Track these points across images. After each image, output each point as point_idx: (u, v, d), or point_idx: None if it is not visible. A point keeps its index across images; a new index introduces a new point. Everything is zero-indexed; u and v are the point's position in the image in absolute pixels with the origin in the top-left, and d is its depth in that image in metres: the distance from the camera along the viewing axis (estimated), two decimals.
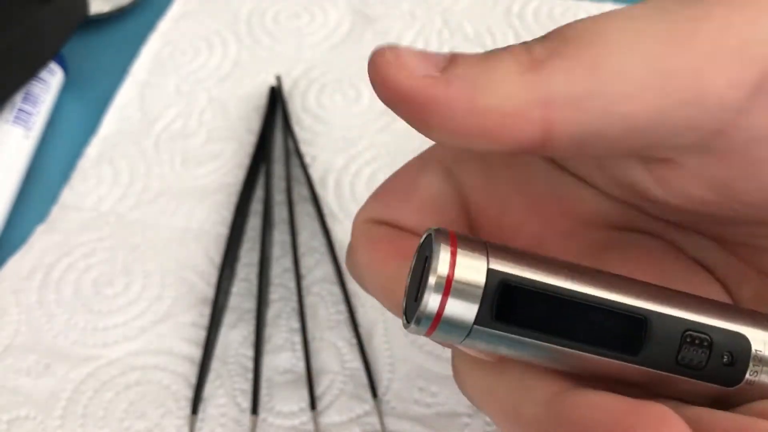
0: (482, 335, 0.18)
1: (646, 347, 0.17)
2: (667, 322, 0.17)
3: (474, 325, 0.17)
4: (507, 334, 0.18)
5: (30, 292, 0.41)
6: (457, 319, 0.17)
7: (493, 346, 0.18)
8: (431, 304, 0.17)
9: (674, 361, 0.17)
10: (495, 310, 0.17)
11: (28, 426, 0.36)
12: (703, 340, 0.17)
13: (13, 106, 0.47)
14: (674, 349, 0.17)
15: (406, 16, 0.52)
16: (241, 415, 0.36)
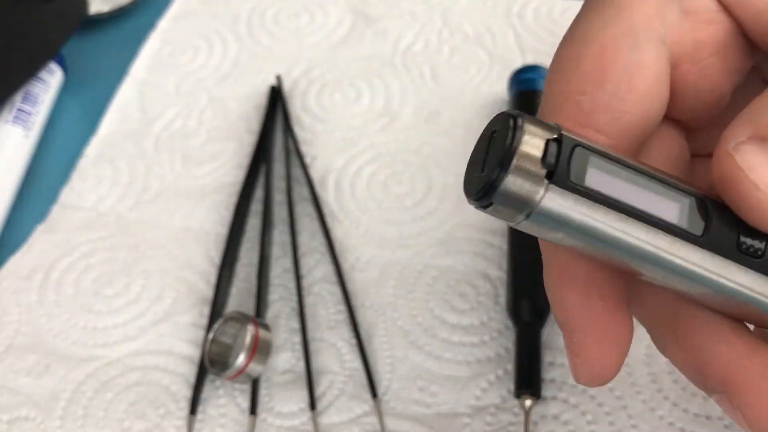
0: (554, 202, 0.17)
1: (709, 228, 0.18)
2: (725, 210, 0.18)
3: (548, 183, 0.17)
4: (576, 203, 0.17)
5: (30, 292, 0.41)
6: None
7: (561, 221, 0.17)
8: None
9: (736, 247, 0.18)
10: (566, 171, 0.17)
11: (28, 426, 0.36)
12: (757, 232, 0.18)
13: (12, 106, 0.47)
14: (734, 235, 0.18)
15: (406, 15, 0.52)
16: (241, 415, 0.36)
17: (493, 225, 0.41)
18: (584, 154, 0.17)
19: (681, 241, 0.18)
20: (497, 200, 0.17)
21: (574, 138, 0.17)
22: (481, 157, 0.18)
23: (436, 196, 0.43)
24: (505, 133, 0.17)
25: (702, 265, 0.18)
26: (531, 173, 0.17)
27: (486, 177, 0.17)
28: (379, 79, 0.49)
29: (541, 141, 0.17)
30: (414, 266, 0.40)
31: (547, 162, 0.17)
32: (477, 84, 0.47)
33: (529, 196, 0.17)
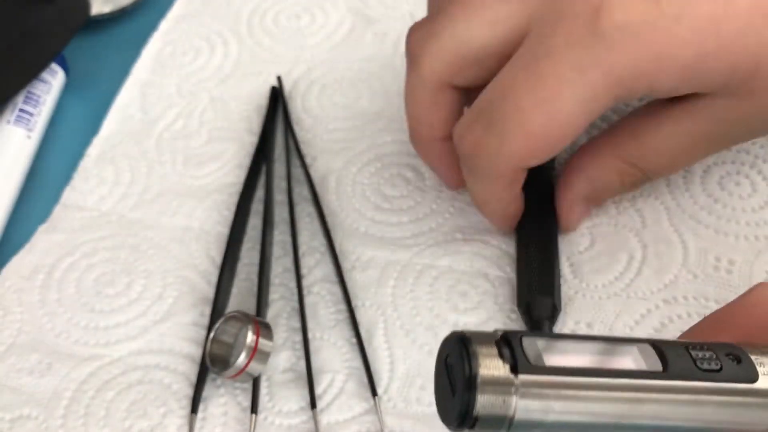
0: (530, 392, 0.18)
1: (670, 364, 0.19)
2: (670, 345, 0.20)
3: (516, 377, 0.18)
4: (550, 385, 0.18)
5: (32, 292, 0.41)
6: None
7: (544, 409, 0.18)
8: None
9: (697, 368, 0.19)
10: (525, 360, 0.18)
11: (30, 425, 0.36)
12: (705, 348, 0.20)
13: (14, 107, 0.47)
14: (690, 360, 0.19)
15: (406, 17, 0.52)
16: (242, 414, 0.36)
17: (492, 225, 0.41)
18: (532, 340, 0.18)
19: (655, 381, 0.19)
20: (479, 421, 0.18)
21: (515, 331, 0.19)
22: (445, 382, 0.19)
23: (435, 196, 0.43)
24: (461, 361, 0.18)
25: (680, 396, 0.19)
26: (497, 385, 0.18)
27: (458, 405, 0.18)
28: (379, 80, 0.49)
29: (493, 350, 0.18)
30: (414, 266, 0.40)
31: (507, 360, 0.18)
32: None
33: (505, 401, 0.18)
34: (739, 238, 0.38)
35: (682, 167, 0.39)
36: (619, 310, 0.37)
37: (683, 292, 0.37)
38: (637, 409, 0.19)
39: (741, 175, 0.41)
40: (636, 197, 0.41)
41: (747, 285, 0.37)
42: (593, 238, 0.40)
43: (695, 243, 0.39)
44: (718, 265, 0.38)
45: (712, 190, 0.40)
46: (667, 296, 0.37)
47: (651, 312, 0.37)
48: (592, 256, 0.39)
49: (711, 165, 0.41)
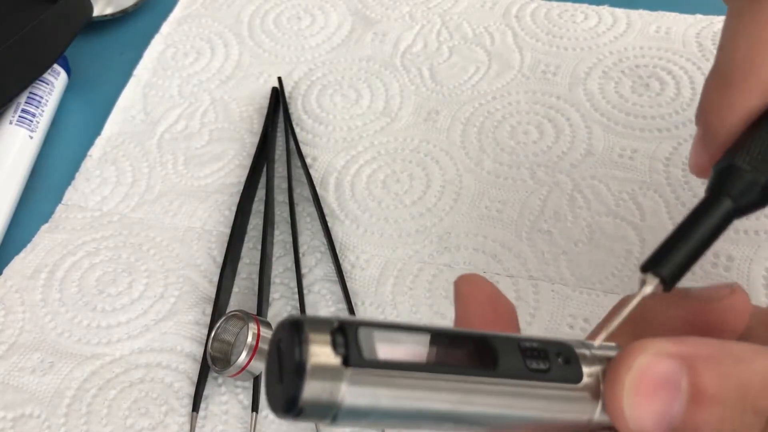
0: (358, 386, 0.18)
1: (500, 362, 0.19)
2: (503, 340, 0.20)
3: (346, 369, 0.17)
4: (378, 378, 0.18)
5: (34, 291, 0.41)
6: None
7: (370, 403, 0.18)
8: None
9: (526, 368, 0.19)
10: (358, 353, 0.18)
11: (32, 423, 0.36)
12: (538, 350, 0.20)
13: (17, 108, 0.47)
14: (520, 358, 0.19)
15: (405, 17, 0.52)
16: (243, 412, 0.36)
17: (493, 222, 0.41)
18: (368, 331, 0.18)
19: (482, 378, 0.19)
20: (305, 409, 0.17)
21: (353, 320, 0.18)
22: (275, 367, 0.18)
23: (434, 194, 0.43)
24: (292, 346, 0.17)
25: (505, 393, 0.19)
26: (325, 374, 0.17)
27: (286, 392, 0.17)
28: (378, 80, 0.49)
29: (327, 338, 0.18)
30: (414, 264, 0.40)
31: (339, 351, 0.18)
32: (476, 82, 0.48)
33: (332, 392, 0.17)
34: (739, 232, 0.39)
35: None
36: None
37: None
38: (464, 404, 0.19)
39: None
40: (635, 190, 0.41)
41: (745, 282, 0.37)
42: (592, 231, 0.40)
43: None
44: (717, 261, 0.38)
45: None
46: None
47: None
48: (591, 250, 0.39)
49: None
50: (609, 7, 0.50)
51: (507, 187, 0.43)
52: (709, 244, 0.25)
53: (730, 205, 0.25)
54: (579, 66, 0.48)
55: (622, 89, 0.46)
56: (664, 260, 0.24)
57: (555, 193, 0.42)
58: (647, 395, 0.19)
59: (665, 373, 0.19)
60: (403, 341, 0.19)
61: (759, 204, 0.26)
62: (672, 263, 0.24)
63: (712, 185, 0.26)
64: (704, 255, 0.25)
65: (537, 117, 0.46)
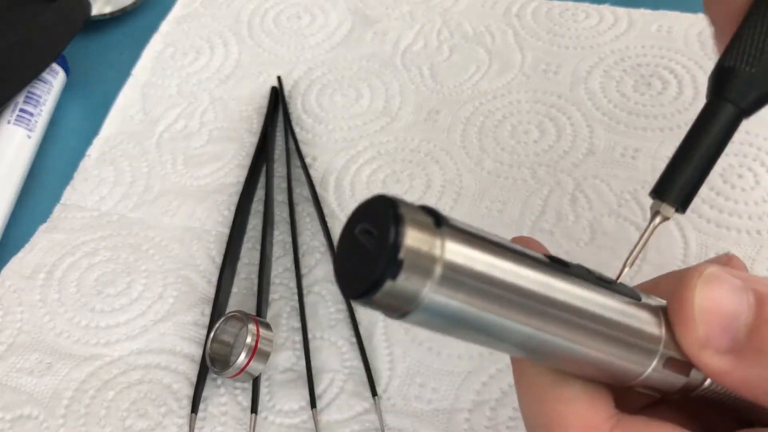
0: (453, 252, 0.17)
1: (572, 267, 0.20)
2: (569, 262, 0.20)
3: (443, 232, 0.17)
4: (471, 248, 0.17)
5: (33, 291, 0.41)
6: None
7: (464, 274, 0.17)
8: None
9: (593, 275, 0.20)
10: (449, 222, 0.17)
11: (30, 425, 0.36)
12: (600, 274, 0.20)
13: (15, 107, 0.47)
14: (586, 270, 0.20)
15: (406, 16, 0.52)
16: (242, 413, 0.36)
17: (493, 222, 0.41)
18: (452, 219, 0.18)
19: (562, 276, 0.19)
20: (401, 274, 0.17)
21: (436, 209, 0.18)
22: (356, 249, 0.18)
23: (435, 193, 0.43)
24: (386, 221, 0.17)
25: (580, 294, 0.19)
26: (423, 238, 0.17)
27: (384, 251, 0.17)
28: (378, 80, 0.49)
29: (422, 215, 0.17)
30: None
31: (435, 224, 0.17)
32: (476, 81, 0.48)
33: (431, 259, 0.17)
34: (741, 232, 0.38)
35: None
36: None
37: None
38: (543, 304, 0.19)
39: (744, 168, 0.41)
40: (637, 190, 0.41)
41: None
42: (593, 231, 0.40)
43: (696, 238, 0.38)
44: None
45: (714, 182, 0.40)
46: None
47: None
48: (593, 251, 0.39)
49: None
50: (610, 5, 0.50)
51: (508, 187, 0.42)
52: (718, 155, 0.24)
53: (731, 108, 0.24)
54: (580, 65, 0.47)
55: (623, 88, 0.46)
56: (672, 185, 0.24)
57: (556, 192, 0.42)
58: (718, 292, 0.20)
59: (728, 282, 0.20)
60: (483, 234, 0.18)
61: (761, 101, 0.24)
62: (682, 187, 0.24)
63: (708, 91, 0.25)
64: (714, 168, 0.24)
65: (538, 116, 0.45)
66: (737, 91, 0.24)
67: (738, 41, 0.24)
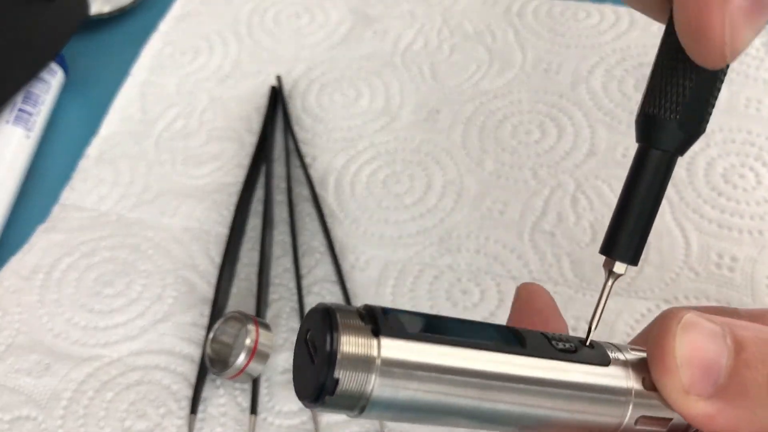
0: (393, 351, 0.18)
1: (528, 342, 0.20)
2: (527, 331, 0.20)
3: (379, 340, 0.18)
4: (411, 349, 0.18)
5: (31, 292, 0.41)
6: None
7: (406, 374, 0.18)
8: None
9: (553, 348, 0.20)
10: (387, 324, 0.18)
11: (29, 426, 0.36)
12: (561, 337, 0.20)
13: (13, 106, 0.47)
14: (546, 341, 0.20)
15: (406, 15, 0.52)
16: (242, 414, 0.36)
17: (494, 223, 0.41)
18: (393, 312, 0.19)
19: (512, 355, 0.19)
20: (342, 379, 0.18)
21: (378, 306, 0.19)
22: (305, 356, 0.19)
23: (435, 194, 0.43)
24: (323, 334, 0.18)
25: (539, 369, 0.19)
26: (358, 344, 0.18)
27: (317, 376, 0.18)
28: (378, 79, 0.49)
29: (356, 316, 0.18)
30: (414, 265, 0.40)
31: (369, 326, 0.18)
32: (477, 81, 0.47)
33: (368, 360, 0.18)
34: (743, 232, 0.38)
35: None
36: (619, 309, 0.37)
37: (684, 291, 0.37)
38: (495, 389, 0.19)
39: (746, 167, 0.40)
40: None
41: (749, 284, 0.36)
42: (594, 232, 0.39)
43: (698, 238, 0.38)
44: (720, 262, 0.37)
45: (716, 182, 0.40)
46: (668, 295, 0.37)
47: (651, 311, 0.36)
48: (594, 252, 0.39)
49: (715, 157, 0.41)
50: (612, 4, 0.50)
51: (509, 188, 0.42)
52: (659, 200, 0.24)
53: (663, 155, 0.24)
54: (581, 64, 0.47)
55: (625, 88, 0.46)
56: (619, 241, 0.24)
57: (557, 193, 0.41)
58: (696, 339, 0.20)
59: (706, 328, 0.20)
60: (430, 324, 0.19)
61: (690, 141, 0.24)
62: (629, 241, 0.24)
63: (637, 135, 0.25)
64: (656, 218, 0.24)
65: (539, 116, 0.45)
66: (666, 139, 0.24)
67: (657, 88, 0.24)
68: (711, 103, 0.23)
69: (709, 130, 0.42)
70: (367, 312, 0.18)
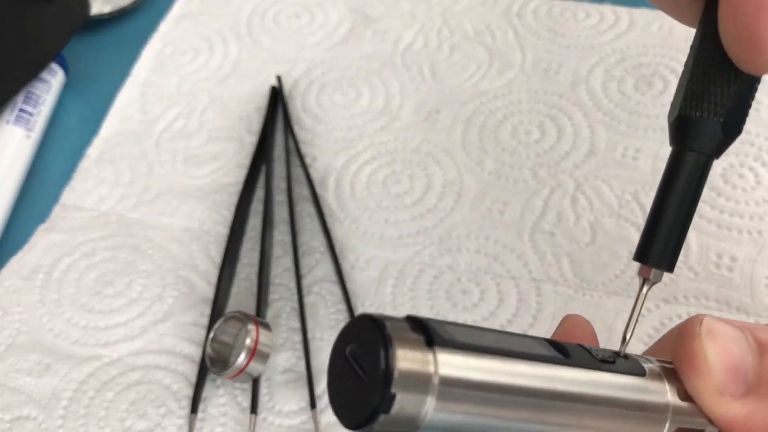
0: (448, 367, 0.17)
1: (571, 354, 0.20)
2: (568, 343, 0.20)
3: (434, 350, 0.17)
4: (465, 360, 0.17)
5: (31, 292, 0.41)
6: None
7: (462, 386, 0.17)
8: None
9: (594, 359, 0.20)
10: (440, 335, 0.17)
11: (29, 425, 0.36)
12: (599, 349, 0.21)
13: (14, 107, 0.47)
14: (586, 352, 0.20)
15: (406, 15, 0.52)
16: (242, 414, 0.36)
17: (494, 223, 0.41)
18: (439, 323, 0.17)
19: (561, 366, 0.19)
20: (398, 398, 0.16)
21: (423, 318, 0.18)
22: (348, 375, 0.17)
23: (435, 194, 0.43)
24: (374, 346, 0.16)
25: (583, 381, 0.19)
26: (414, 359, 0.16)
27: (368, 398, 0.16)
28: (378, 79, 0.49)
29: (406, 326, 0.17)
30: (414, 264, 0.40)
31: (423, 337, 0.17)
32: (477, 81, 0.48)
33: (424, 372, 0.16)
34: (742, 232, 0.38)
35: None
36: (619, 309, 0.37)
37: (683, 291, 0.37)
38: (546, 398, 0.18)
39: (745, 168, 0.40)
40: (638, 190, 0.40)
41: (748, 284, 0.36)
42: (594, 232, 0.39)
43: (697, 238, 0.38)
44: (720, 262, 0.37)
45: (715, 182, 0.40)
46: (668, 295, 0.37)
47: (651, 311, 0.36)
48: (593, 252, 0.39)
49: None
50: (611, 5, 0.50)
51: (508, 188, 0.42)
52: (695, 205, 0.24)
53: (701, 157, 0.23)
54: (581, 64, 0.47)
55: (624, 88, 0.46)
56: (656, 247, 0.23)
57: (557, 193, 0.41)
58: (723, 343, 0.21)
59: (729, 331, 0.21)
60: (476, 333, 0.18)
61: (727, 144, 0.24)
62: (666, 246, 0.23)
63: (672, 138, 0.24)
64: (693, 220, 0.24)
65: (539, 116, 0.45)
66: (705, 142, 0.23)
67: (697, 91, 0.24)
68: (750, 105, 0.23)
69: None
70: (414, 322, 0.17)
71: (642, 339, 0.35)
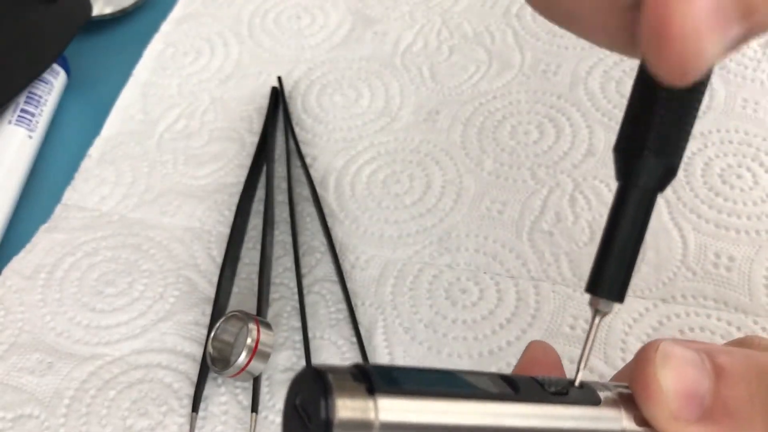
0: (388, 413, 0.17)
1: (521, 389, 0.20)
2: (517, 376, 0.21)
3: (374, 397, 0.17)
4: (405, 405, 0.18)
5: (33, 291, 0.41)
6: None
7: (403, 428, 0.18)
8: None
9: (545, 392, 0.20)
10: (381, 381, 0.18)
11: (32, 424, 0.36)
12: (551, 380, 0.21)
13: (16, 107, 0.47)
14: (537, 385, 0.20)
15: (405, 17, 0.52)
16: (243, 412, 0.36)
17: (493, 223, 0.41)
18: (386, 369, 0.18)
19: (508, 403, 0.19)
20: None
21: (366, 364, 0.18)
22: (297, 424, 0.18)
23: (434, 194, 0.43)
24: (316, 397, 0.17)
25: (532, 415, 0.20)
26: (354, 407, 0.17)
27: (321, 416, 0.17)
28: (378, 80, 0.49)
29: (348, 376, 0.18)
30: (414, 264, 0.40)
31: (364, 385, 0.17)
32: (476, 82, 0.48)
33: (364, 420, 0.17)
34: (740, 232, 0.38)
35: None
36: (617, 308, 0.37)
37: (681, 290, 0.37)
38: (494, 431, 0.19)
39: (743, 168, 0.41)
40: None
41: (746, 284, 0.37)
42: (593, 232, 0.40)
43: (695, 238, 0.39)
44: (718, 262, 0.38)
45: (713, 182, 0.40)
46: (666, 295, 0.37)
47: (649, 311, 0.37)
48: (592, 251, 0.39)
49: (713, 157, 0.41)
50: None
51: (507, 188, 0.42)
52: (642, 236, 0.24)
53: (645, 192, 0.23)
54: (580, 65, 0.47)
55: (623, 88, 0.46)
56: (605, 278, 0.23)
57: (556, 193, 0.42)
58: (678, 368, 0.21)
59: (687, 355, 0.21)
60: (421, 375, 0.19)
61: (670, 176, 0.24)
62: (614, 278, 0.23)
63: (617, 172, 0.24)
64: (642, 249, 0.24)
65: (538, 117, 0.45)
66: (648, 177, 0.23)
67: (629, 121, 0.23)
68: (687, 131, 0.22)
69: (707, 130, 0.42)
70: (358, 371, 0.18)
71: (641, 338, 0.36)
